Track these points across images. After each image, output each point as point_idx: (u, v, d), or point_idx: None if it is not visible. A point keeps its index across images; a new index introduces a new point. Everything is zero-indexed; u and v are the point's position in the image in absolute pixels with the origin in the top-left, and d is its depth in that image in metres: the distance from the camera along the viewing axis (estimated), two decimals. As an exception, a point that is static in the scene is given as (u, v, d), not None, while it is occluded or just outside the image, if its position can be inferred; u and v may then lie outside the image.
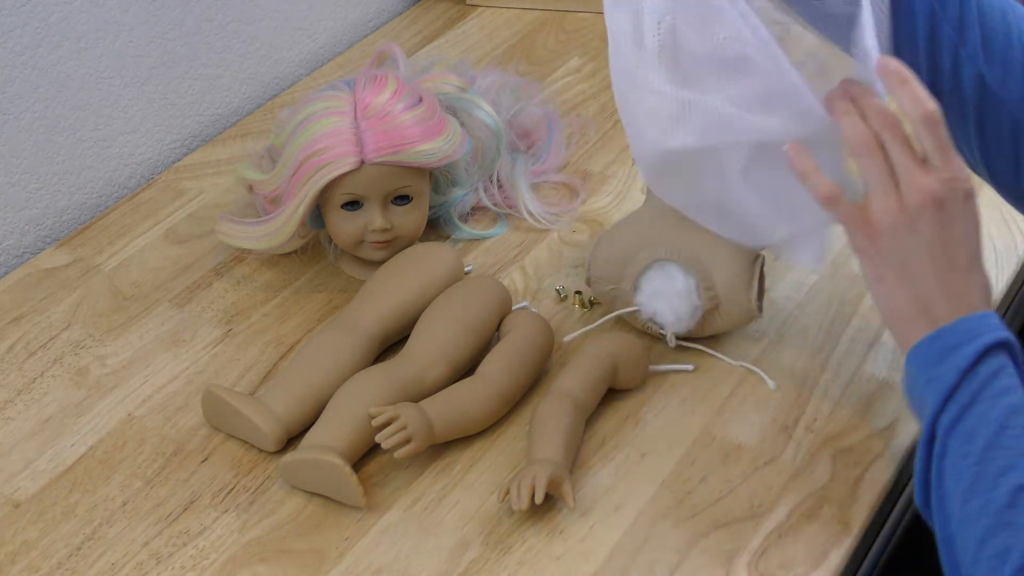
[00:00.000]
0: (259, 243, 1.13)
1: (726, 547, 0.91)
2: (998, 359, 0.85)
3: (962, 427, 0.84)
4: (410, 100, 1.10)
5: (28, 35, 1.17)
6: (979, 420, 0.83)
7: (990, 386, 0.84)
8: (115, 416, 1.03)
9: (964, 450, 0.83)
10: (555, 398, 0.97)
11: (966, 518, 0.82)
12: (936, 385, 0.85)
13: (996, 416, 0.83)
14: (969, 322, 0.86)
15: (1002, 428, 0.83)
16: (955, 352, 0.85)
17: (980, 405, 0.84)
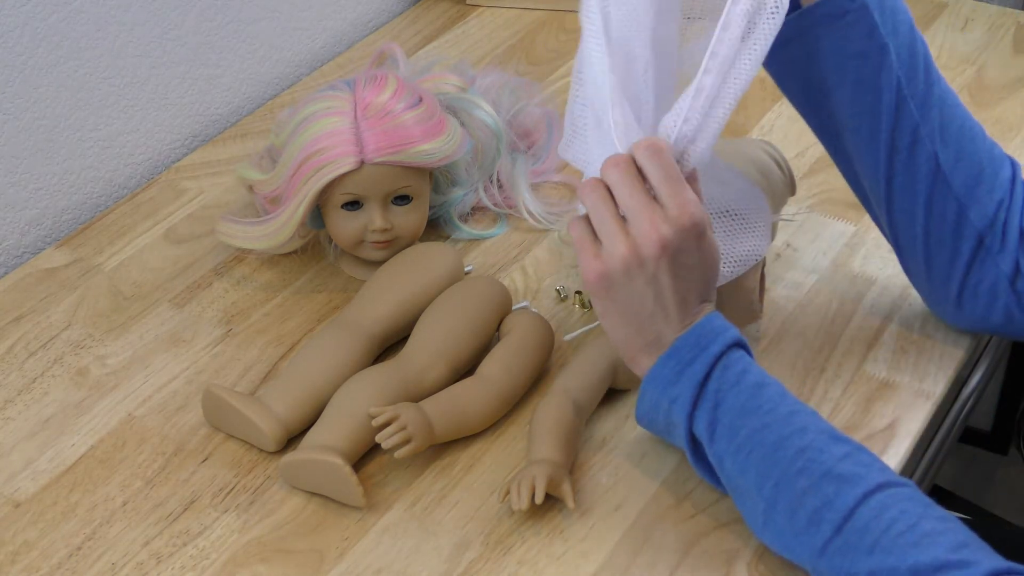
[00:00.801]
0: (259, 243, 1.13)
1: (726, 547, 0.91)
2: (729, 356, 0.88)
3: (721, 428, 0.87)
4: (410, 100, 1.10)
5: (28, 35, 1.17)
6: (732, 416, 0.87)
7: (726, 380, 0.88)
8: (115, 416, 1.03)
9: (734, 446, 0.87)
10: (555, 398, 0.97)
11: (772, 505, 0.85)
12: (680, 402, 0.88)
13: (744, 403, 0.87)
14: (695, 334, 0.88)
15: (756, 410, 0.86)
16: (689, 368, 0.88)
17: (726, 402, 0.87)
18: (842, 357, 1.06)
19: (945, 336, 1.07)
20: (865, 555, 0.80)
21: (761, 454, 0.85)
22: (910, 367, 1.05)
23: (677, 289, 0.88)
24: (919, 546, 0.79)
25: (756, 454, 0.85)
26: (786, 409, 0.87)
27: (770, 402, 0.87)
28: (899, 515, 0.80)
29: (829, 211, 1.20)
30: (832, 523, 0.81)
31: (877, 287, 1.13)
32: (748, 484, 0.86)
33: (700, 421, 0.88)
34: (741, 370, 0.88)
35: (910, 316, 1.09)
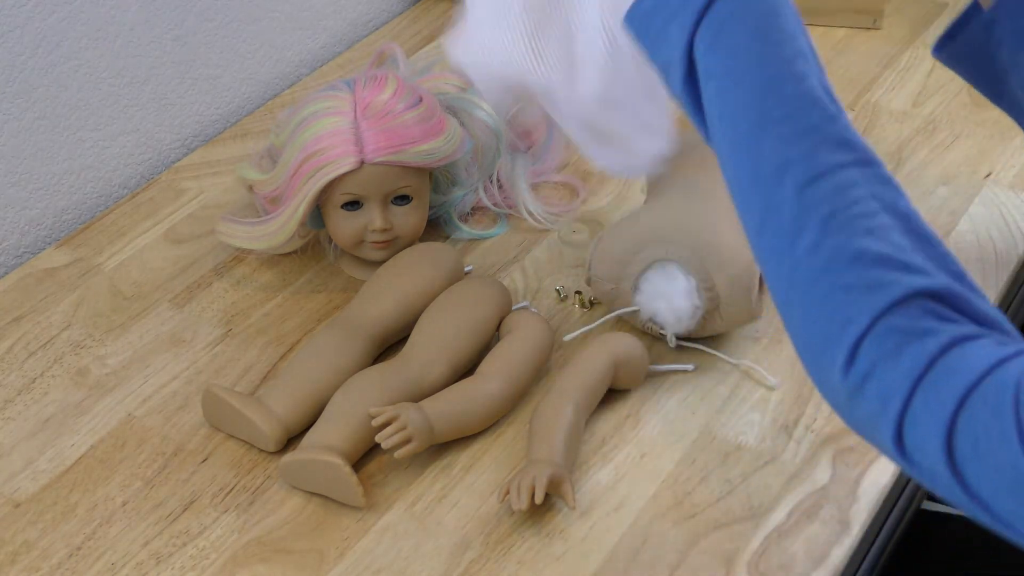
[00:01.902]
0: (259, 243, 1.13)
1: (726, 547, 0.91)
2: None
3: (724, 42, 0.77)
4: (410, 100, 1.10)
5: (28, 35, 1.17)
6: (739, 27, 0.77)
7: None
8: (115, 416, 1.03)
9: (725, 68, 0.77)
10: (555, 398, 0.97)
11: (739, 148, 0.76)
12: (682, 15, 0.77)
13: (755, 20, 0.78)
14: None
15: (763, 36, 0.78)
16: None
17: (737, 17, 0.78)
18: (842, 357, 1.05)
19: (945, 336, 1.07)
20: (817, 224, 0.73)
21: (750, 86, 0.76)
22: (910, 367, 1.04)
23: None
24: (871, 231, 0.72)
25: (746, 84, 0.77)
26: (795, 47, 0.79)
27: (780, 32, 0.78)
28: (864, 196, 0.73)
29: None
30: (795, 181, 0.73)
31: (877, 287, 1.12)
32: (727, 115, 0.77)
33: (705, 30, 0.77)
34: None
35: (910, 316, 1.09)
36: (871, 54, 1.45)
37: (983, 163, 1.27)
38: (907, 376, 0.69)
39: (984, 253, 1.16)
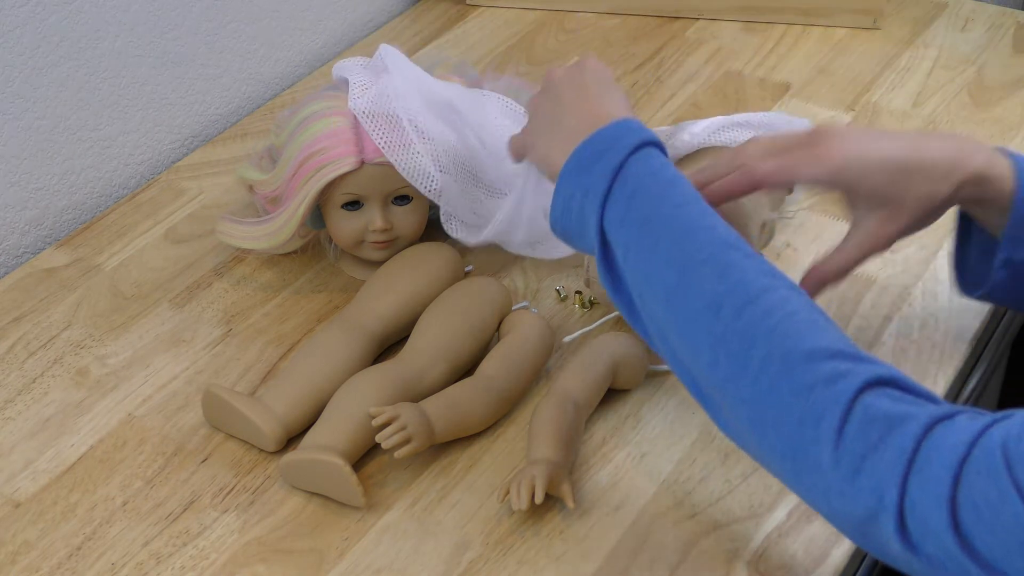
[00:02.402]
0: (259, 243, 1.13)
1: (726, 547, 0.91)
2: (646, 150, 0.86)
3: (633, 216, 0.84)
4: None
5: (28, 35, 1.17)
6: (643, 203, 0.84)
7: (644, 170, 0.85)
8: (115, 416, 1.03)
9: (641, 233, 0.84)
10: (555, 398, 0.97)
11: (673, 292, 0.81)
12: (594, 192, 0.86)
13: (656, 194, 0.84)
14: (611, 129, 0.88)
15: (663, 200, 0.84)
16: (606, 154, 0.86)
17: (641, 191, 0.84)
18: (842, 357, 1.05)
19: (945, 336, 1.07)
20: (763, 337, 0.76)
21: (670, 241, 0.82)
22: (910, 367, 1.05)
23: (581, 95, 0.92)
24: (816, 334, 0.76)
25: (664, 241, 0.82)
26: (701, 207, 0.84)
27: (683, 196, 0.84)
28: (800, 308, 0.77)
29: (829, 211, 1.20)
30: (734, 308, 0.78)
31: (877, 287, 1.13)
32: (653, 274, 0.82)
33: (613, 210, 0.85)
34: (660, 164, 0.86)
35: (910, 316, 1.09)
36: (871, 54, 1.45)
37: (983, 163, 1.27)
38: (897, 463, 0.71)
39: (984, 253, 1.15)
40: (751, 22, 1.51)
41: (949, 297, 1.11)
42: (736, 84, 1.41)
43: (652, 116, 1.36)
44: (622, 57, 1.46)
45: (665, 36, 1.50)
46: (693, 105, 1.37)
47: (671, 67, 1.44)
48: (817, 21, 1.50)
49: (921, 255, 1.16)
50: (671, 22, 1.52)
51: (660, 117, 1.35)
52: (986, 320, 1.10)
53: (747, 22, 1.51)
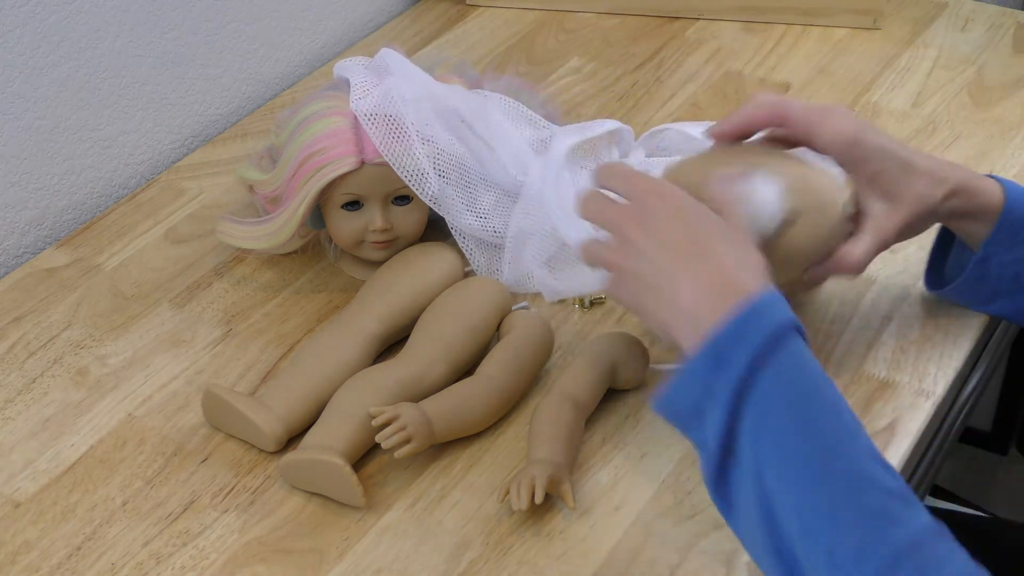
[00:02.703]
0: (259, 243, 1.13)
1: (726, 547, 0.91)
2: (786, 342, 0.79)
3: (769, 423, 0.77)
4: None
5: (28, 35, 1.17)
6: (783, 411, 0.77)
7: (785, 367, 0.78)
8: (115, 416, 1.03)
9: (776, 454, 0.76)
10: (555, 398, 0.97)
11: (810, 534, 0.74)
12: (721, 390, 0.78)
13: (795, 398, 0.77)
14: (745, 317, 0.79)
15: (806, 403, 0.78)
16: (738, 348, 0.78)
17: (780, 395, 0.77)
18: (842, 357, 1.05)
19: (945, 336, 1.07)
20: None
21: (803, 463, 0.75)
22: (910, 367, 1.05)
23: (670, 244, 0.83)
24: None
25: (798, 460, 0.76)
26: (844, 420, 0.78)
27: (823, 404, 0.78)
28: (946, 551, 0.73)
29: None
30: (875, 564, 0.72)
31: (877, 287, 1.13)
32: (785, 501, 0.75)
33: (747, 415, 0.77)
34: (799, 360, 0.78)
35: (910, 316, 1.09)
36: (871, 54, 1.45)
37: (983, 163, 1.27)
38: None
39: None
40: (751, 22, 1.51)
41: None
42: (736, 84, 1.41)
43: (652, 116, 1.36)
44: (622, 57, 1.46)
45: (665, 36, 1.50)
46: (693, 105, 1.37)
47: (671, 67, 1.44)
48: (817, 21, 1.50)
49: (921, 255, 1.16)
50: (671, 22, 1.52)
51: (660, 117, 1.35)
52: (986, 320, 1.10)
53: (747, 22, 1.51)
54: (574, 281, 1.10)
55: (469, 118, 1.11)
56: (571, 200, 1.02)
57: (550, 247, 1.11)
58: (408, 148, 1.06)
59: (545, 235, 1.10)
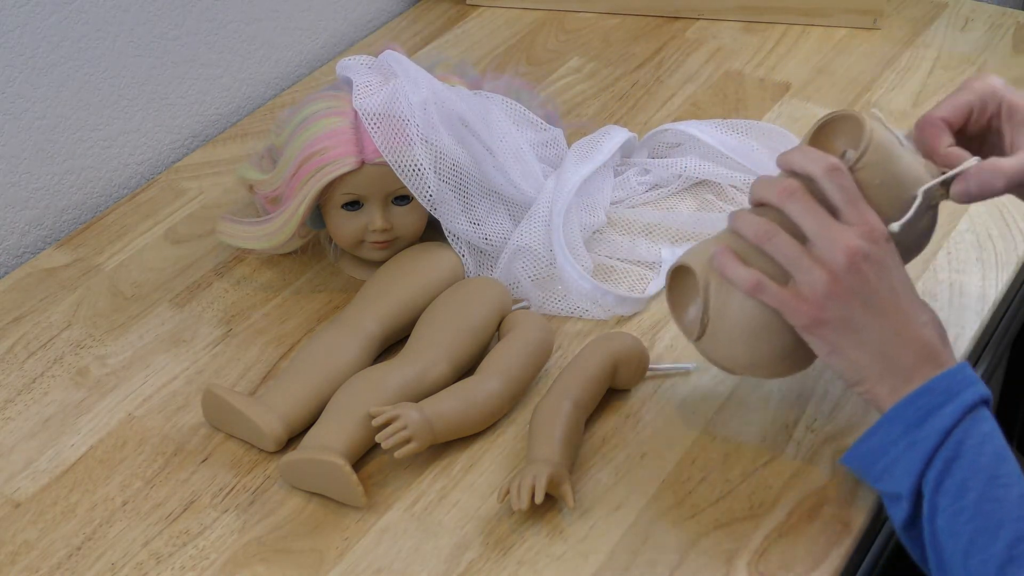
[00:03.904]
0: (259, 243, 1.13)
1: (726, 547, 0.91)
2: (978, 411, 0.85)
3: (950, 483, 0.83)
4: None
5: (28, 35, 1.17)
6: (967, 472, 0.82)
7: (972, 435, 0.84)
8: (115, 416, 1.03)
9: (956, 507, 0.82)
10: (554, 398, 0.97)
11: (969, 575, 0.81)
12: (920, 447, 0.84)
13: (984, 466, 0.82)
14: (946, 380, 0.85)
15: (992, 479, 0.82)
16: (938, 412, 0.84)
17: (965, 457, 0.83)
18: (842, 357, 1.05)
19: (945, 336, 1.07)
20: None
21: (980, 525, 0.81)
22: (910, 367, 1.05)
23: (892, 303, 0.86)
24: None
25: (975, 524, 0.81)
26: (1020, 491, 0.82)
27: (1008, 476, 0.83)
28: None
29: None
30: None
31: (877, 287, 1.12)
32: (952, 549, 0.82)
33: (933, 470, 0.83)
34: (989, 430, 0.84)
35: (910, 316, 1.09)
36: (871, 54, 1.45)
37: (983, 163, 1.27)
38: None
39: (984, 253, 1.16)
40: (751, 22, 1.51)
41: (949, 297, 1.11)
42: (736, 84, 1.41)
43: (652, 116, 1.36)
44: (622, 57, 1.46)
45: (665, 36, 1.50)
46: (693, 105, 1.37)
47: (671, 67, 1.44)
48: (817, 21, 1.50)
49: (921, 255, 1.16)
50: (671, 22, 1.52)
51: (660, 117, 1.35)
52: (986, 320, 1.10)
53: (747, 22, 1.51)
54: (560, 303, 1.11)
55: (473, 122, 1.11)
56: (577, 236, 1.10)
57: (542, 268, 1.11)
58: (408, 148, 1.06)
59: (539, 256, 1.11)
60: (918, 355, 0.86)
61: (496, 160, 1.12)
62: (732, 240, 0.90)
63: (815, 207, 0.86)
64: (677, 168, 1.22)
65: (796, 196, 0.87)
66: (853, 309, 0.86)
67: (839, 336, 0.87)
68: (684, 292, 0.95)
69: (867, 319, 0.86)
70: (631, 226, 1.18)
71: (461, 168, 1.10)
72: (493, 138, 1.12)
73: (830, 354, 0.88)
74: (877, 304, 0.86)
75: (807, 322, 0.87)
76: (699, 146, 1.23)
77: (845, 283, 0.85)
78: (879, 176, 0.88)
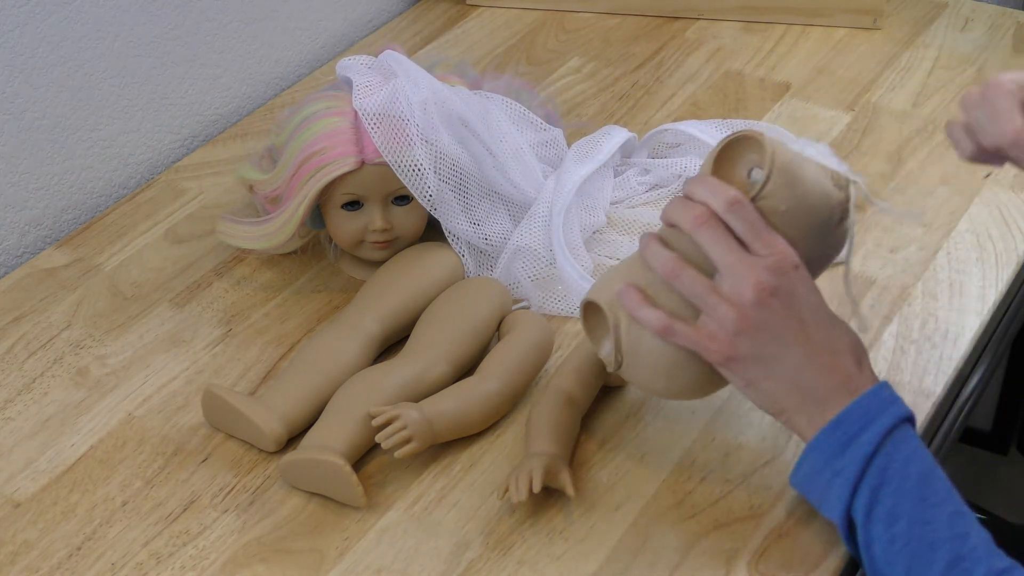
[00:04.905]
0: (259, 243, 1.13)
1: (726, 547, 0.91)
2: (899, 432, 0.84)
3: (880, 510, 0.83)
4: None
5: (28, 35, 1.17)
6: (895, 498, 0.82)
7: (895, 459, 0.83)
8: (115, 416, 1.03)
9: (889, 535, 0.82)
10: (549, 395, 0.97)
11: None
12: (843, 476, 0.84)
13: (910, 489, 0.82)
14: (862, 406, 0.85)
15: (920, 501, 0.82)
16: (856, 440, 0.84)
17: (891, 483, 0.83)
18: (842, 357, 1.05)
19: (945, 336, 1.07)
20: None
21: (915, 551, 0.81)
22: (910, 367, 1.05)
23: (802, 334, 0.86)
24: None
25: (910, 549, 0.81)
26: (951, 508, 0.82)
27: (937, 495, 0.82)
28: None
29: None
30: None
31: (877, 287, 1.13)
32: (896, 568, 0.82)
33: (860, 498, 0.83)
34: (911, 450, 0.84)
35: (910, 316, 1.09)
36: (871, 54, 1.45)
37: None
38: None
39: (984, 253, 1.16)
40: (751, 22, 1.51)
41: (949, 297, 1.11)
42: (736, 84, 1.41)
43: (652, 116, 1.36)
44: (622, 57, 1.46)
45: (665, 36, 1.50)
46: (693, 105, 1.37)
47: (671, 67, 1.44)
48: (817, 21, 1.50)
49: (921, 255, 1.16)
50: (671, 22, 1.52)
51: (660, 117, 1.35)
52: (986, 320, 1.10)
53: (747, 22, 1.51)
54: (560, 303, 1.11)
55: (473, 122, 1.11)
56: (577, 236, 1.10)
57: (542, 268, 1.11)
58: (408, 148, 1.06)
59: (539, 256, 1.11)
60: (832, 383, 0.86)
61: (496, 160, 1.12)
62: (641, 270, 0.89)
63: (725, 238, 0.86)
64: (677, 168, 1.22)
65: (708, 225, 0.86)
66: (763, 344, 0.86)
67: (752, 370, 0.87)
68: (598, 324, 0.93)
69: (778, 352, 0.86)
70: (631, 226, 1.18)
71: (461, 168, 1.10)
72: (493, 138, 1.12)
73: (746, 387, 0.88)
74: (787, 336, 0.86)
75: (719, 359, 0.87)
76: (699, 146, 1.23)
77: (753, 319, 0.85)
78: (785, 202, 0.87)
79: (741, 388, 0.88)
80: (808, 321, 0.86)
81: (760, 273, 0.85)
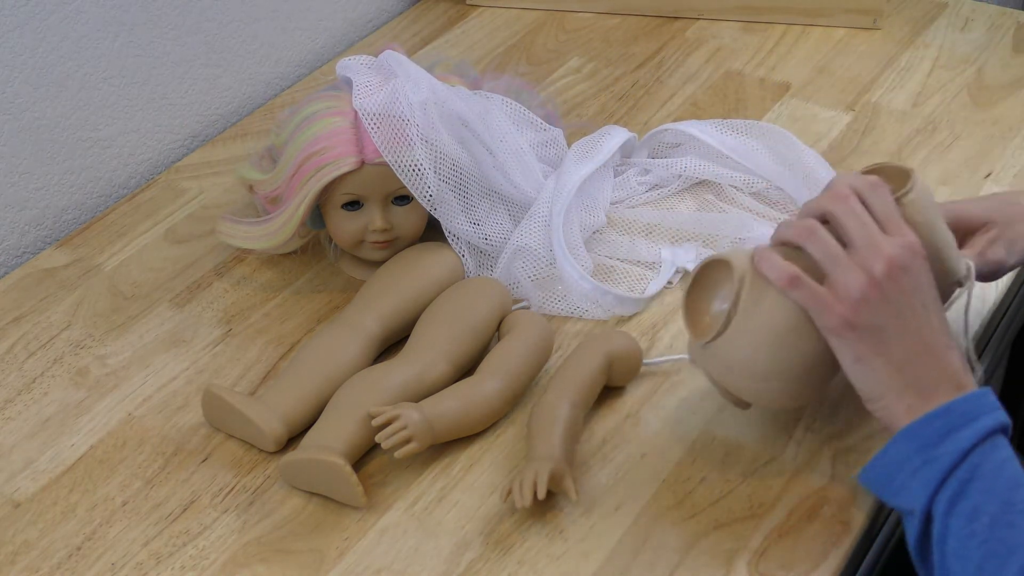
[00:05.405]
0: (259, 243, 1.13)
1: (726, 547, 0.91)
2: (997, 438, 0.84)
3: (964, 504, 0.82)
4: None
5: (28, 35, 1.17)
6: (982, 496, 0.82)
7: (989, 460, 0.83)
8: (115, 416, 1.03)
9: (968, 530, 0.82)
10: (551, 396, 0.97)
11: None
12: (935, 465, 0.84)
13: (999, 491, 0.82)
14: (967, 403, 0.85)
15: (1007, 505, 0.81)
16: (956, 433, 0.83)
17: (981, 481, 0.82)
18: (842, 357, 1.05)
19: (945, 336, 1.07)
20: None
21: (993, 550, 0.80)
22: (910, 367, 1.04)
23: (923, 320, 0.86)
24: None
25: (987, 548, 0.81)
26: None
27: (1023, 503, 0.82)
28: None
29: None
30: None
31: (877, 287, 1.12)
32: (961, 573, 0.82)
33: (947, 490, 0.83)
34: (1006, 456, 0.84)
35: (910, 316, 1.09)
36: (871, 54, 1.45)
37: (983, 163, 1.27)
38: None
39: (984, 253, 1.15)
40: (751, 22, 1.51)
41: (949, 297, 1.11)
42: (736, 84, 1.41)
43: (652, 116, 1.36)
44: (622, 57, 1.46)
45: (665, 36, 1.50)
46: (693, 105, 1.37)
47: (671, 67, 1.44)
48: (817, 21, 1.50)
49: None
50: (671, 22, 1.52)
51: (660, 117, 1.35)
52: (986, 320, 1.10)
53: (747, 22, 1.51)
54: (560, 303, 1.11)
55: (473, 122, 1.11)
56: (577, 236, 1.11)
57: (542, 268, 1.11)
58: (408, 148, 1.06)
59: (539, 256, 1.11)
60: (941, 376, 0.86)
61: (496, 160, 1.12)
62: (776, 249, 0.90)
63: (863, 213, 0.86)
64: (677, 168, 1.22)
65: (847, 200, 0.87)
66: (885, 318, 0.85)
67: (866, 344, 0.86)
68: (709, 288, 0.93)
69: (896, 331, 0.85)
70: (631, 226, 1.18)
71: (461, 168, 1.10)
72: (493, 138, 1.12)
73: (855, 362, 0.87)
74: (908, 318, 0.85)
75: (837, 323, 0.86)
76: (699, 146, 1.23)
77: (882, 290, 0.85)
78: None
79: (848, 364, 0.87)
80: (929, 310, 0.86)
81: (894, 248, 0.85)
